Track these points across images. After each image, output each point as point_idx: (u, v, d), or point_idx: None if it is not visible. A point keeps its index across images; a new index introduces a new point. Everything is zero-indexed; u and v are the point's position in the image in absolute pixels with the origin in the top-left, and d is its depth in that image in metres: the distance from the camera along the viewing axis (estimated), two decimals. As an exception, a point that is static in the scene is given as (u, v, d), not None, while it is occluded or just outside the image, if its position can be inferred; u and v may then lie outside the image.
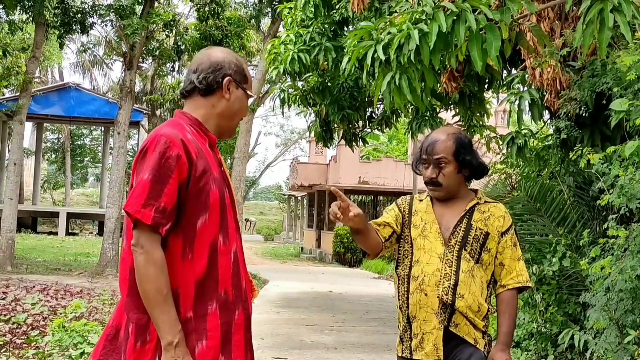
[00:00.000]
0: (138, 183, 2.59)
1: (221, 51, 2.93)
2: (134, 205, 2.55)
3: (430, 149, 3.43)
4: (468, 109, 10.09)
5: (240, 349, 2.73)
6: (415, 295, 3.33)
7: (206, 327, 2.63)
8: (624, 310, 5.82)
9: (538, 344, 7.98)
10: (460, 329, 3.28)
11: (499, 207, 3.48)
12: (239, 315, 2.74)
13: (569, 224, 7.84)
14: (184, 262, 2.63)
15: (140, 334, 2.60)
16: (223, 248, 2.71)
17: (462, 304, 3.26)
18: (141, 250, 2.54)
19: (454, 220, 3.41)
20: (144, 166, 2.60)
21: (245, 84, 2.90)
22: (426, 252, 3.37)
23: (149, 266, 2.53)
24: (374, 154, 37.55)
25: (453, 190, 3.45)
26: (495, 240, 3.38)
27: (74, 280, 16.08)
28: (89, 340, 7.27)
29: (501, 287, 3.41)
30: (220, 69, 2.84)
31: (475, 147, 3.56)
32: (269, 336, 9.61)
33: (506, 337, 3.33)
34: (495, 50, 4.94)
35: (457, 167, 3.41)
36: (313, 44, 9.96)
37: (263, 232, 55.74)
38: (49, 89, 35.63)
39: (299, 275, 22.36)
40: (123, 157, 18.93)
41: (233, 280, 2.74)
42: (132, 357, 2.59)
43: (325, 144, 13.19)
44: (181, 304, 2.61)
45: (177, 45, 21.59)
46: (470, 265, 3.32)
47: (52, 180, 55.72)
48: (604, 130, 7.51)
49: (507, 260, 3.40)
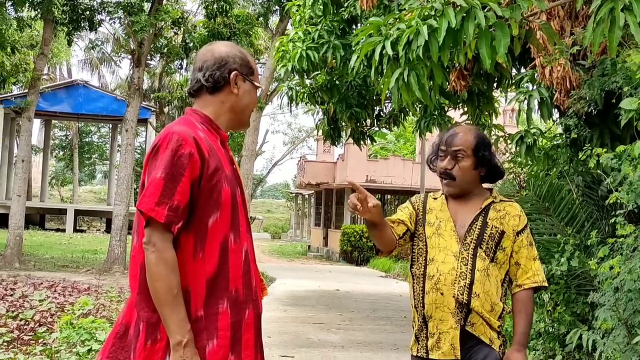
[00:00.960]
0: (151, 181, 2.57)
1: (224, 45, 2.91)
2: (147, 203, 2.54)
3: (450, 140, 3.39)
4: (476, 107, 10.07)
5: (250, 347, 2.71)
6: (431, 294, 3.30)
7: (217, 326, 2.61)
8: (633, 310, 5.79)
9: (546, 343, 7.96)
10: (476, 329, 3.25)
11: (515, 206, 3.44)
12: (249, 314, 2.72)
13: (577, 224, 7.81)
14: (195, 260, 2.61)
15: (151, 333, 2.58)
16: (234, 246, 2.69)
17: (477, 303, 3.23)
18: (153, 248, 2.53)
19: (469, 218, 3.37)
20: (156, 164, 2.58)
21: (251, 75, 2.88)
22: (441, 250, 3.33)
23: (160, 264, 2.51)
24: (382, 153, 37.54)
25: (467, 186, 3.40)
26: (510, 239, 3.35)
27: (81, 277, 16.12)
28: (96, 337, 7.27)
29: (517, 287, 3.37)
30: (225, 64, 2.81)
31: (493, 149, 3.53)
32: (276, 334, 9.60)
33: (522, 337, 3.30)
34: (504, 47, 4.91)
35: (474, 162, 3.36)
36: (321, 42, 9.95)
37: (270, 229, 55.81)
38: (57, 85, 35.75)
39: (306, 273, 22.36)
40: (130, 155, 18.94)
41: (244, 279, 2.72)
42: (142, 355, 2.58)
43: (333, 141, 13.18)
44: (192, 302, 2.59)
45: (185, 43, 21.58)
46: (485, 264, 3.28)
47: (60, 176, 55.86)
48: (614, 129, 7.47)
49: (523, 259, 3.37)
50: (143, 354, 2.58)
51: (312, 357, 8.24)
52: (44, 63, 20.40)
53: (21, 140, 19.94)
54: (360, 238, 29.00)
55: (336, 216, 34.71)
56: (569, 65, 6.95)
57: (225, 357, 2.62)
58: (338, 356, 8.34)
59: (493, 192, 3.49)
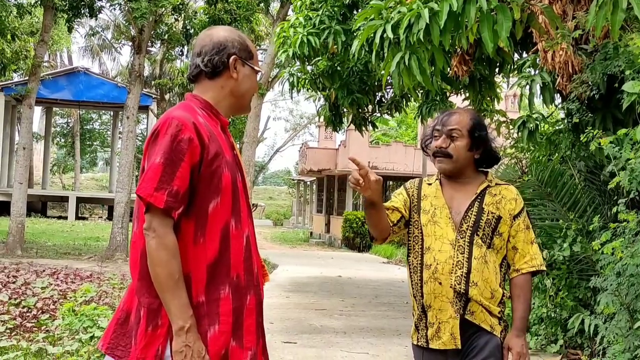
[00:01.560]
0: (150, 166, 2.55)
1: (222, 30, 2.88)
2: (146, 188, 2.52)
3: (445, 120, 3.35)
4: (478, 92, 10.04)
5: (251, 333, 2.70)
6: (429, 284, 3.26)
7: (218, 312, 2.60)
8: (635, 295, 5.78)
9: (548, 328, 7.97)
10: (475, 317, 3.21)
11: (510, 189, 3.37)
12: (250, 299, 2.71)
13: (579, 209, 7.80)
14: (196, 246, 2.59)
15: (152, 319, 2.57)
16: (235, 232, 2.67)
17: (475, 291, 3.19)
18: (153, 234, 2.51)
19: (465, 204, 3.30)
20: (156, 149, 2.56)
21: (251, 59, 2.85)
22: (437, 239, 3.28)
23: (160, 250, 2.50)
24: (383, 139, 37.50)
25: (461, 166, 3.33)
26: (507, 223, 3.29)
27: (83, 264, 16.14)
28: (98, 324, 7.27)
29: (514, 272, 3.32)
30: (224, 49, 2.78)
31: (490, 133, 3.46)
32: (278, 320, 9.61)
33: (521, 322, 3.26)
34: (506, 31, 4.88)
35: (469, 143, 3.30)
36: (322, 27, 9.90)
37: (272, 216, 55.86)
38: (57, 72, 35.71)
39: (308, 259, 22.38)
40: (132, 141, 18.92)
41: (245, 265, 2.70)
42: (143, 341, 2.56)
43: (335, 128, 13.13)
44: (193, 288, 2.58)
45: (185, 29, 21.52)
46: (482, 251, 3.23)
47: (61, 164, 55.90)
48: (616, 114, 7.45)
49: (520, 243, 3.31)
50: (144, 340, 2.57)
51: (314, 343, 8.25)
52: (44, 50, 20.34)
53: (22, 128, 19.91)
54: (362, 224, 29.01)
55: (338, 203, 34.74)
56: (571, 49, 6.92)
57: (227, 342, 2.61)
58: (340, 342, 8.35)
59: (488, 175, 3.42)
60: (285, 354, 7.53)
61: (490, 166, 3.46)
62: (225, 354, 2.60)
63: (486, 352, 3.20)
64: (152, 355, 2.56)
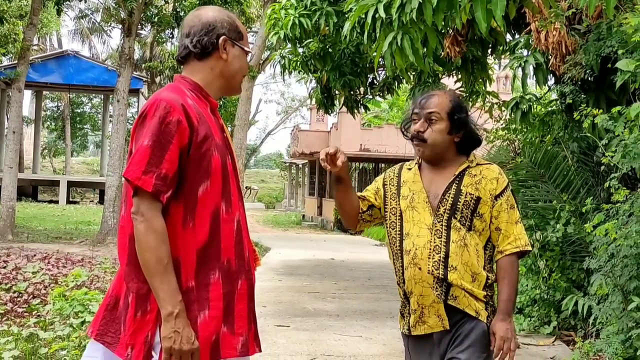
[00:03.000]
0: (137, 149, 2.50)
1: (211, 10, 2.82)
2: (134, 171, 2.48)
3: (423, 102, 3.24)
4: (470, 74, 9.98)
5: (243, 318, 2.67)
6: (410, 269, 3.17)
7: (208, 297, 2.57)
8: (629, 276, 5.78)
9: (541, 310, 7.97)
10: (459, 301, 3.13)
11: (492, 169, 3.25)
12: (241, 284, 2.67)
13: (572, 190, 7.79)
14: (185, 230, 2.55)
15: (141, 304, 2.53)
16: (225, 216, 2.64)
17: (455, 276, 3.10)
18: (141, 218, 2.47)
19: (443, 187, 3.21)
20: (144, 131, 2.52)
21: (240, 40, 2.80)
22: (415, 224, 3.21)
23: (149, 234, 2.46)
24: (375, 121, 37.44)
25: (439, 150, 3.23)
26: (487, 204, 3.18)
27: (74, 248, 16.09)
28: (89, 309, 7.24)
29: (499, 253, 3.21)
30: (213, 29, 2.73)
31: (472, 115, 3.37)
32: (271, 303, 9.59)
33: (506, 304, 3.14)
34: (501, 10, 4.81)
35: (448, 126, 3.19)
36: (314, 9, 9.80)
37: (264, 199, 55.84)
38: (47, 56, 35.50)
39: (301, 242, 22.37)
40: (123, 125, 18.83)
41: (236, 249, 2.67)
42: (132, 327, 2.53)
43: (326, 110, 13.07)
44: (182, 272, 2.54)
45: (175, 12, 21.37)
46: (461, 234, 3.14)
47: (52, 148, 55.71)
48: (609, 94, 7.42)
49: (503, 224, 3.20)
50: (133, 326, 2.53)
51: (307, 326, 8.23)
52: (33, 33, 20.17)
53: (12, 112, 19.77)
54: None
55: (330, 185, 34.69)
56: (565, 29, 6.87)
57: (218, 328, 2.58)
58: (334, 325, 8.33)
59: (470, 155, 3.31)
60: (278, 337, 7.51)
61: (472, 149, 3.34)
62: (216, 339, 2.57)
63: (471, 339, 3.12)
64: (141, 341, 2.52)
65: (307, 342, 7.37)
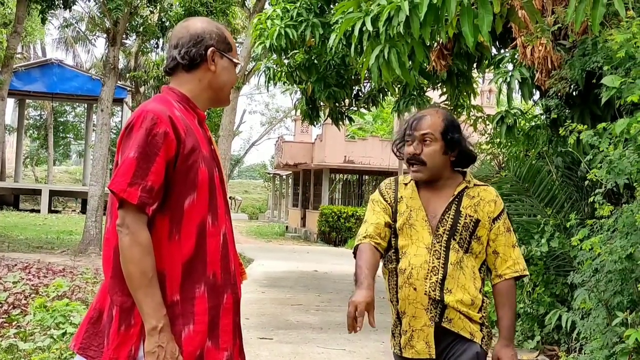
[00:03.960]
0: (123, 161, 2.47)
1: (200, 21, 2.80)
2: (119, 183, 2.44)
3: (416, 124, 3.18)
4: (455, 87, 10.02)
5: (228, 333, 2.64)
6: (404, 289, 3.12)
7: (193, 311, 2.54)
8: (613, 291, 5.77)
9: (524, 324, 7.96)
10: (454, 324, 3.08)
11: (489, 191, 3.23)
12: (227, 298, 2.65)
13: (556, 204, 7.80)
14: (170, 242, 2.52)
15: (125, 318, 2.50)
16: (212, 229, 2.61)
17: (451, 298, 3.06)
18: (126, 231, 2.43)
19: (442, 207, 3.16)
20: (130, 143, 2.48)
21: (229, 52, 2.77)
22: (413, 243, 3.15)
23: (133, 247, 2.43)
24: (359, 133, 37.53)
25: (437, 172, 3.18)
26: (486, 227, 3.15)
27: (56, 258, 15.96)
28: (71, 320, 7.17)
29: (497, 277, 3.18)
30: (201, 41, 2.71)
31: (463, 131, 3.31)
32: (254, 316, 9.54)
33: (508, 331, 3.14)
34: (487, 25, 4.83)
35: (443, 146, 3.14)
36: (300, 19, 9.82)
37: (247, 210, 55.77)
38: (31, 64, 35.33)
39: (284, 254, 22.30)
40: (106, 134, 18.74)
41: (222, 263, 2.64)
42: (116, 341, 2.49)
43: (312, 121, 13.08)
44: (167, 286, 2.51)
45: (161, 22, 21.35)
46: (458, 256, 3.10)
47: (34, 156, 55.39)
48: (594, 110, 7.45)
49: (501, 247, 3.17)
50: (117, 340, 2.49)
51: (290, 339, 8.19)
52: (17, 41, 20.08)
53: (-6, 120, 19.65)
54: (338, 219, 29.01)
55: (314, 197, 34.69)
56: (551, 44, 6.90)
57: (203, 343, 2.55)
58: (317, 338, 8.30)
59: (467, 175, 3.27)
60: (261, 350, 7.46)
61: (467, 166, 3.31)
62: (201, 354, 2.54)
63: None
64: (124, 356, 2.49)
65: (290, 355, 7.33)
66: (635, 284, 5.51)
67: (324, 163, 31.28)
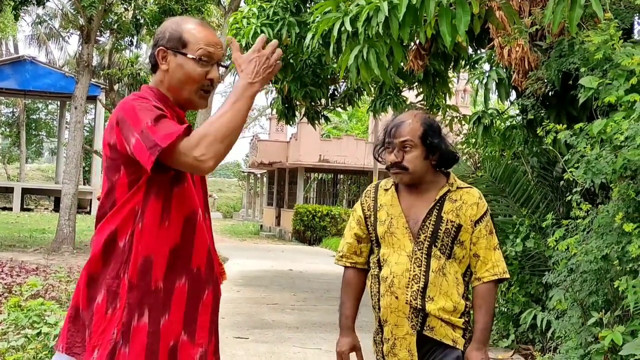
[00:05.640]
0: (139, 136, 2.41)
1: (167, 21, 2.77)
2: (157, 140, 2.38)
3: (394, 132, 3.14)
4: (432, 87, 10.05)
5: (204, 329, 2.65)
6: (386, 297, 3.12)
7: (172, 301, 2.55)
8: (588, 291, 5.82)
9: (499, 323, 8.01)
10: (436, 332, 3.08)
11: (472, 193, 3.19)
12: (207, 295, 2.66)
13: (532, 204, 7.85)
14: (160, 229, 2.53)
15: (111, 301, 2.52)
16: (202, 223, 2.64)
17: (433, 307, 3.05)
18: (202, 150, 2.38)
19: (423, 213, 3.12)
20: (130, 125, 2.44)
21: (184, 47, 2.66)
22: (395, 251, 3.13)
23: (220, 139, 2.41)
24: (334, 132, 37.57)
25: (419, 176, 3.14)
26: (468, 231, 3.11)
27: (29, 256, 15.81)
28: (46, 320, 7.09)
29: (476, 280, 3.15)
30: (156, 42, 2.69)
31: (445, 132, 3.26)
32: (230, 315, 9.50)
33: (482, 333, 3.09)
34: (465, 25, 4.85)
35: (423, 151, 3.10)
36: (276, 18, 9.80)
37: (222, 209, 55.61)
38: (3, 61, 35.00)
39: (259, 252, 22.26)
40: (80, 132, 18.59)
41: (207, 259, 2.66)
42: (102, 326, 2.51)
43: (287, 121, 13.06)
44: (153, 272, 2.52)
45: (135, 19, 21.22)
46: (440, 263, 3.08)
47: (6, 154, 54.88)
48: (570, 111, 7.51)
49: (482, 250, 3.14)
50: (102, 325, 2.51)
51: (266, 338, 8.17)
52: (-11, 38, 19.87)
53: (-34, 117, 19.42)
54: (312, 218, 28.99)
55: (289, 196, 34.67)
56: (528, 45, 6.94)
57: (178, 333, 2.56)
58: (293, 337, 8.29)
59: (450, 177, 3.23)
60: (237, 349, 7.44)
61: (450, 166, 3.26)
62: (174, 346, 2.55)
63: None
64: (107, 340, 2.50)
65: (267, 355, 7.31)
66: (610, 284, 5.55)
67: (299, 162, 31.25)
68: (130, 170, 2.52)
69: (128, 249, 2.52)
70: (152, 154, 2.37)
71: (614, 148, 5.25)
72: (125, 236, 2.52)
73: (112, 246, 2.53)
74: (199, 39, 2.67)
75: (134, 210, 2.52)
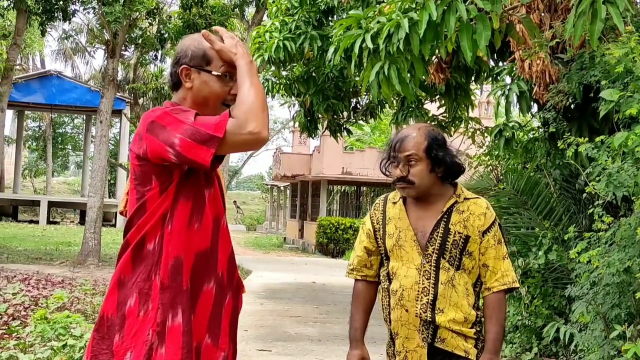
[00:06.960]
0: (182, 137, 2.47)
1: (186, 39, 2.81)
2: (207, 130, 2.46)
3: (398, 146, 3.15)
4: (454, 100, 10.06)
5: (225, 335, 2.70)
6: (396, 310, 3.14)
7: (198, 302, 2.61)
8: (611, 304, 5.81)
9: (522, 336, 7.98)
10: (447, 343, 3.08)
11: (479, 204, 3.17)
12: (228, 301, 2.72)
13: (554, 217, 7.83)
14: (189, 230, 2.58)
15: (143, 303, 2.56)
16: (225, 227, 2.72)
17: (443, 318, 3.06)
18: (253, 124, 2.46)
19: (430, 225, 3.13)
20: (169, 128, 2.50)
21: (208, 65, 2.70)
22: (403, 264, 3.14)
23: (257, 109, 2.49)
24: (357, 145, 37.56)
25: (426, 189, 3.14)
26: (476, 242, 3.11)
27: (55, 269, 15.95)
28: (71, 332, 7.18)
29: (486, 290, 3.14)
30: (177, 60, 2.73)
31: (450, 144, 3.26)
32: (253, 327, 9.55)
33: (493, 344, 3.08)
34: (485, 40, 4.88)
35: (429, 164, 3.10)
36: (298, 32, 9.88)
37: (245, 221, 55.66)
38: (30, 76, 35.41)
39: (282, 265, 22.30)
40: (105, 146, 18.76)
41: (228, 264, 2.72)
42: (134, 328, 2.55)
43: (310, 134, 13.12)
44: (184, 273, 2.56)
45: (159, 34, 21.38)
46: (449, 275, 3.08)
47: (33, 168, 55.40)
48: (592, 123, 7.50)
49: (491, 260, 3.13)
50: (135, 326, 2.55)
51: (289, 350, 8.21)
52: (16, 53, 20.19)
53: (-7, 131, 19.69)
54: (336, 230, 28.98)
55: (312, 208, 34.69)
56: (549, 58, 6.96)
57: (202, 335, 2.62)
58: (315, 350, 8.31)
59: (457, 188, 3.22)
60: (260, 362, 7.48)
61: (457, 177, 3.26)
62: (198, 347, 2.60)
63: None
64: (142, 341, 2.54)
65: (290, 367, 7.35)
66: (633, 297, 5.54)
67: (322, 174, 31.28)
68: (162, 179, 2.57)
69: (158, 250, 2.56)
70: (209, 147, 2.44)
71: (635, 161, 5.26)
72: (154, 239, 2.57)
73: (141, 250, 2.58)
74: (215, 57, 2.73)
75: (163, 215, 2.57)
